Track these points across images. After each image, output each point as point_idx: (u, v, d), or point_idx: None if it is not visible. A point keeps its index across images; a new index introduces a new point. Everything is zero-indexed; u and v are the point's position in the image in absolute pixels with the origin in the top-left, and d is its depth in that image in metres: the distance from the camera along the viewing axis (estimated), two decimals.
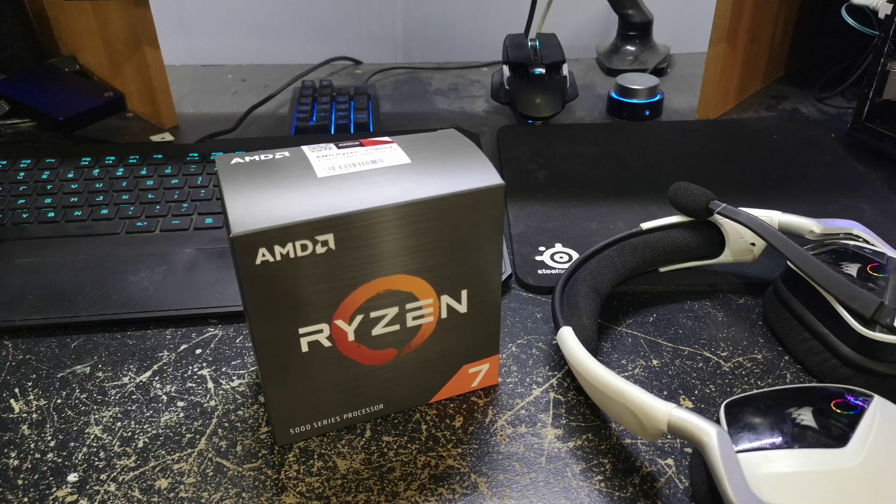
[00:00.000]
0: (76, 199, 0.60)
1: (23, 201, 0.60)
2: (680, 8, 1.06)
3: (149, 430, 0.41)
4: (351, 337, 0.38)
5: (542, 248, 0.55)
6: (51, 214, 0.58)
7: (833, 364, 0.42)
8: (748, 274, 0.52)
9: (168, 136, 0.76)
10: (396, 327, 0.38)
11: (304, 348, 0.37)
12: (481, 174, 0.37)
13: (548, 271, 0.53)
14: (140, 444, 0.40)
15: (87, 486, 0.38)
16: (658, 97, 0.79)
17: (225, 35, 1.06)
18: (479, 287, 0.39)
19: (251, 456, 0.40)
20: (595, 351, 0.42)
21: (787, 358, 0.46)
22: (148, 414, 0.42)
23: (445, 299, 0.39)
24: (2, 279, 0.51)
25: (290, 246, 0.33)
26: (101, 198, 0.60)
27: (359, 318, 0.37)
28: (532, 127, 0.76)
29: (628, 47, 0.94)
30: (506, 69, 0.79)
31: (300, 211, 0.33)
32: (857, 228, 0.48)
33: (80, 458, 0.39)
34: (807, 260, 0.43)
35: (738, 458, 0.31)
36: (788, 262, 0.46)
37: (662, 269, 0.52)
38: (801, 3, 0.85)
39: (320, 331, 0.37)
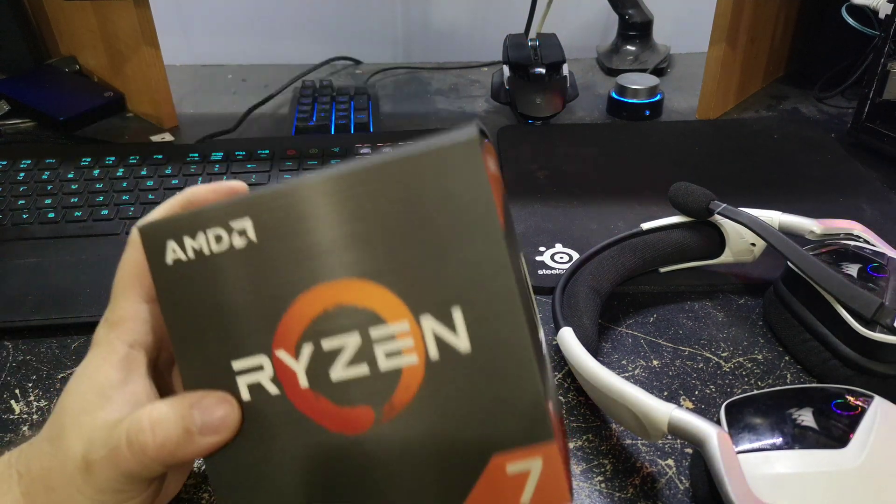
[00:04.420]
0: (76, 200, 0.60)
1: (23, 201, 0.59)
2: (680, 8, 1.06)
3: None
4: (303, 381, 0.27)
5: (542, 248, 0.55)
6: (51, 215, 0.58)
7: (833, 364, 0.42)
8: (748, 274, 0.52)
9: (168, 137, 0.76)
10: (364, 369, 0.27)
11: (245, 394, 0.28)
12: (450, 135, 0.26)
13: (548, 271, 0.53)
14: None
15: None
16: (658, 97, 0.79)
17: (225, 35, 1.06)
18: (481, 303, 0.26)
19: None
20: (595, 351, 0.42)
21: (787, 358, 0.46)
22: None
23: (429, 324, 0.26)
24: (2, 279, 0.51)
25: (201, 237, 0.28)
26: (101, 198, 0.60)
27: (307, 349, 0.27)
28: (532, 127, 0.76)
29: (628, 47, 0.94)
30: (506, 69, 0.79)
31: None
32: (857, 228, 0.48)
33: None
34: (807, 260, 0.43)
35: (738, 459, 0.31)
36: (788, 263, 0.46)
37: (663, 270, 0.52)
38: (801, 3, 0.85)
39: (260, 367, 0.28)
